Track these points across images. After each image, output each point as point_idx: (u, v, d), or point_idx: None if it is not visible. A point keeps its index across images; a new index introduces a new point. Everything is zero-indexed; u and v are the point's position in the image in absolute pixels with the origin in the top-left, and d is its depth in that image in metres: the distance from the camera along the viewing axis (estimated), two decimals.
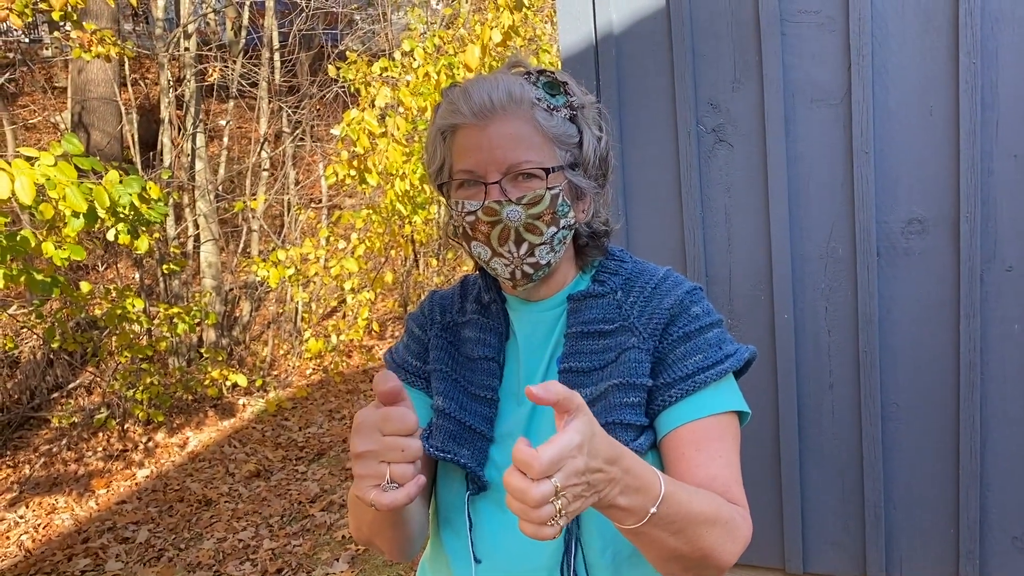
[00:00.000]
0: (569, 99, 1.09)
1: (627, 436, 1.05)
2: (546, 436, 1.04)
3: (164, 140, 7.16)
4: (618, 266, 1.17)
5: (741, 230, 2.51)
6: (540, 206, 1.05)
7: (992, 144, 2.21)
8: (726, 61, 2.44)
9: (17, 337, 5.79)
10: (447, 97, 1.10)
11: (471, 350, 1.16)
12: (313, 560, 3.78)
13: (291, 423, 5.87)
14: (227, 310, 7.30)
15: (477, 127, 1.05)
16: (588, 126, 1.11)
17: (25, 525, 4.38)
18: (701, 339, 1.10)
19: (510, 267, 1.08)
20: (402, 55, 5.15)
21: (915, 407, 2.41)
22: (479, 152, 1.05)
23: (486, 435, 1.10)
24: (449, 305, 1.23)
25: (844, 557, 2.58)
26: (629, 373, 1.07)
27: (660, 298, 1.11)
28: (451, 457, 1.09)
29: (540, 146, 1.06)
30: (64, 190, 2.77)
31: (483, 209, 1.05)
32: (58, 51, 8.89)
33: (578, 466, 0.78)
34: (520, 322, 1.16)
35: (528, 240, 1.06)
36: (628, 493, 0.86)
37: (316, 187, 8.94)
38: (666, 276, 1.15)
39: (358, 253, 5.46)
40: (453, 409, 1.12)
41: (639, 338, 1.09)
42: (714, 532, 0.98)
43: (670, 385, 1.07)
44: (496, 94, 1.05)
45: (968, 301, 2.27)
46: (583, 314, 1.12)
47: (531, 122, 1.05)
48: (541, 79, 1.09)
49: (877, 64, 2.27)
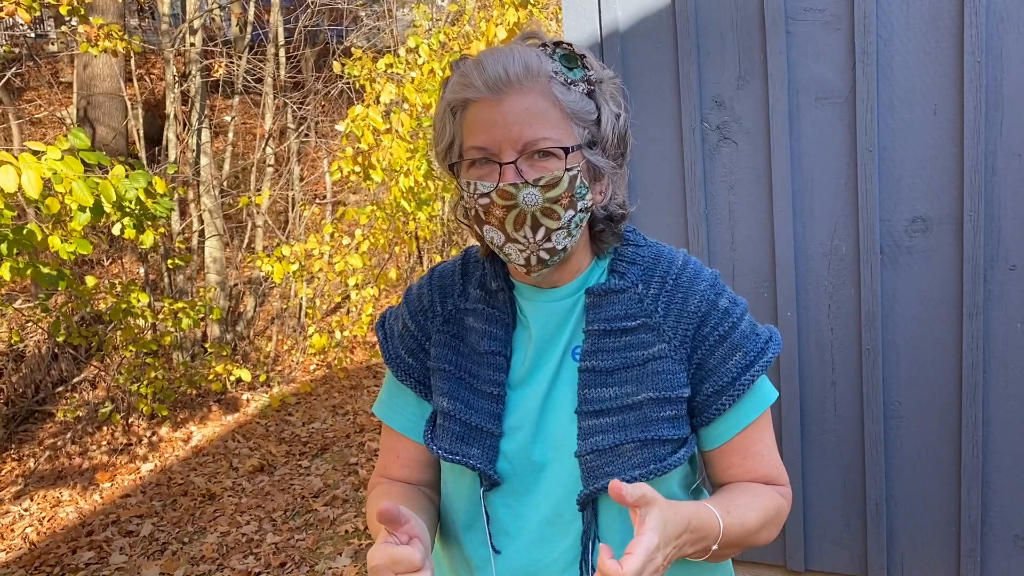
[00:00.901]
0: (587, 73, 1.03)
1: (666, 451, 1.04)
2: (558, 427, 1.07)
3: (169, 136, 7.17)
4: (635, 254, 1.11)
5: (745, 227, 2.52)
6: (558, 189, 0.99)
7: (996, 143, 2.21)
8: (731, 59, 2.44)
9: (22, 331, 5.81)
10: (458, 70, 1.03)
11: (476, 342, 1.10)
12: (316, 554, 3.80)
13: (295, 418, 5.89)
14: (231, 305, 7.31)
15: (491, 102, 0.98)
16: (606, 102, 1.04)
17: (30, 518, 4.40)
18: (737, 334, 1.07)
19: (525, 253, 1.01)
20: (407, 51, 5.15)
21: (917, 405, 2.42)
22: (493, 128, 0.98)
23: (494, 432, 1.07)
24: (450, 287, 1.15)
25: (845, 555, 2.59)
26: (665, 386, 1.04)
27: (684, 295, 1.07)
28: (460, 459, 1.07)
29: (558, 122, 0.99)
30: (71, 184, 2.78)
31: (498, 192, 0.98)
32: (64, 46, 8.91)
33: (658, 563, 0.85)
34: (533, 311, 1.10)
35: (545, 225, 1.00)
36: (694, 544, 0.95)
37: (320, 183, 8.96)
38: (685, 263, 1.11)
39: (362, 249, 5.47)
40: (459, 410, 1.08)
41: (669, 345, 1.05)
42: (765, 530, 1.06)
43: (720, 393, 1.06)
44: (512, 66, 0.98)
45: (971, 300, 2.28)
46: (603, 310, 1.06)
47: (548, 96, 0.99)
48: (558, 51, 1.02)
49: (882, 62, 2.28)
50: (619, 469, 1.01)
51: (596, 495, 1.04)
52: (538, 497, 1.07)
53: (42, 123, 8.46)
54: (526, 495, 1.08)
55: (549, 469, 1.07)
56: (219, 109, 9.01)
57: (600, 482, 1.01)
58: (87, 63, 8.20)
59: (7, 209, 2.99)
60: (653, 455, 1.02)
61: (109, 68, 8.16)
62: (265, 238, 7.79)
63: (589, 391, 1.04)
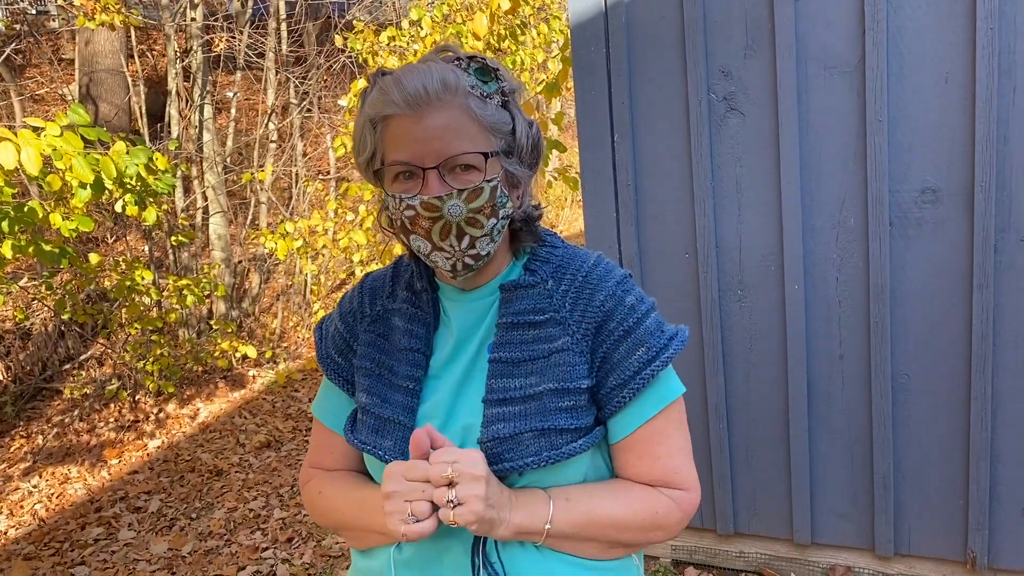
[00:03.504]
0: (501, 85, 1.07)
1: (562, 440, 1.07)
2: (467, 416, 1.12)
3: (171, 112, 7.13)
4: (549, 253, 1.16)
5: (752, 200, 2.48)
6: (480, 199, 1.04)
7: (1008, 111, 2.17)
8: (738, 28, 2.40)
9: (28, 309, 5.82)
10: (377, 85, 1.07)
11: (399, 340, 1.16)
12: (323, 530, 3.82)
13: (301, 394, 5.90)
14: (236, 282, 7.31)
15: (411, 117, 1.02)
16: (519, 112, 1.09)
17: (39, 495, 4.43)
18: (642, 329, 1.10)
19: (451, 260, 1.07)
20: (410, 24, 5.09)
21: (926, 379, 2.40)
22: (415, 144, 1.02)
23: (407, 424, 1.11)
24: (380, 289, 1.22)
25: (852, 529, 2.58)
26: (564, 377, 1.08)
27: (591, 291, 1.11)
28: (371, 449, 1.12)
29: (476, 135, 1.04)
30: (70, 161, 2.75)
31: (423, 204, 1.03)
32: (64, 22, 8.84)
33: (479, 473, 0.99)
34: (455, 311, 1.16)
35: (469, 234, 1.05)
36: (517, 510, 1.04)
37: (324, 159, 8.91)
38: (596, 263, 1.15)
39: (366, 225, 5.44)
40: (374, 404, 1.14)
41: (572, 338, 1.09)
42: (635, 531, 1.10)
43: (622, 385, 1.09)
44: (431, 83, 1.02)
45: (981, 272, 2.25)
46: (514, 304, 1.11)
47: (466, 111, 1.03)
48: (472, 65, 1.06)
49: (892, 30, 2.23)
50: (517, 456, 1.06)
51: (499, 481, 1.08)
52: None
53: (45, 100, 8.42)
54: None
55: None
56: (221, 85, 8.95)
57: (499, 466, 1.06)
58: (88, 39, 8.14)
59: (8, 187, 2.98)
60: (549, 443, 1.06)
61: (111, 44, 8.10)
62: (269, 215, 7.76)
63: (496, 381, 1.09)
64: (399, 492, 0.98)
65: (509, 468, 1.05)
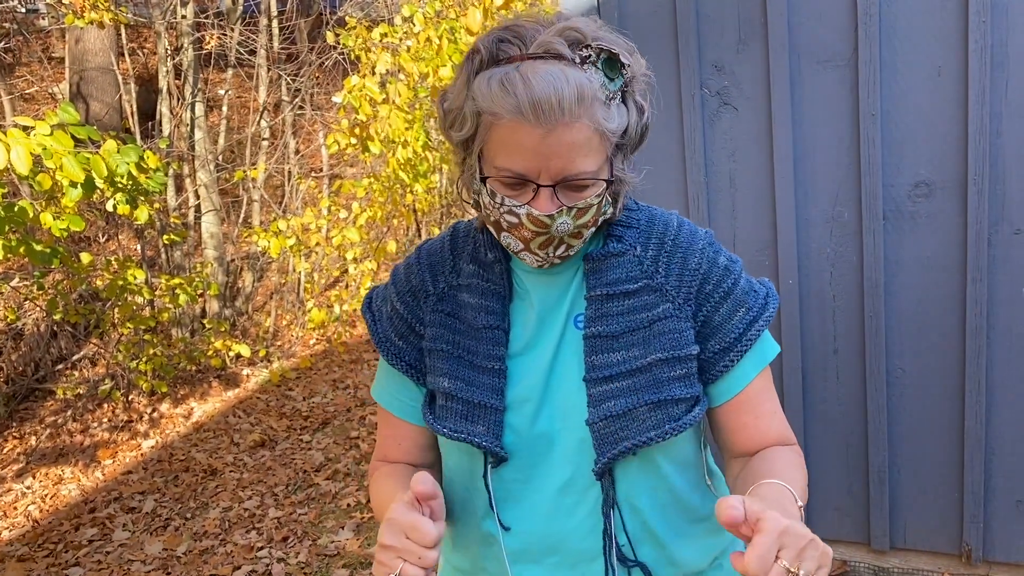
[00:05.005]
0: (625, 78, 0.96)
1: (680, 410, 1.03)
2: (565, 396, 1.05)
3: (163, 110, 7.09)
4: (629, 217, 1.08)
5: (746, 194, 2.48)
6: (588, 215, 0.98)
7: (1001, 105, 2.17)
8: (731, 22, 2.39)
9: (20, 310, 5.79)
10: (499, 75, 0.92)
11: (473, 318, 1.07)
12: (319, 528, 3.81)
13: (295, 393, 5.89)
14: (229, 281, 7.28)
15: (536, 131, 0.91)
16: (636, 102, 1.00)
17: (32, 496, 4.41)
18: (739, 290, 1.07)
19: (540, 262, 1.01)
20: (402, 20, 5.07)
21: (920, 372, 2.40)
22: (535, 158, 0.92)
23: (498, 407, 1.05)
24: (440, 265, 1.12)
25: (848, 522, 2.59)
26: (673, 345, 1.03)
27: (683, 254, 1.06)
28: (465, 437, 1.05)
29: (597, 148, 0.95)
30: (61, 160, 2.74)
31: (531, 219, 0.95)
32: (54, 20, 8.80)
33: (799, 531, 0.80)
34: (532, 283, 1.08)
35: (568, 243, 1.00)
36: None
37: (317, 157, 8.88)
38: (680, 224, 1.10)
39: (360, 223, 5.43)
40: (459, 388, 1.06)
41: (674, 304, 1.04)
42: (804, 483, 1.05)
43: (728, 349, 1.06)
44: (566, 96, 0.89)
45: (975, 265, 2.25)
46: (604, 275, 1.04)
47: (593, 122, 0.92)
48: (601, 58, 0.93)
49: (884, 24, 2.23)
50: (634, 432, 1.01)
51: (613, 463, 1.03)
52: (549, 468, 1.06)
53: (35, 99, 8.37)
54: (537, 467, 1.07)
55: (558, 439, 1.06)
56: (213, 82, 8.92)
57: (616, 448, 1.01)
58: (79, 38, 8.09)
59: None
60: (667, 415, 1.02)
61: (101, 43, 8.06)
62: (262, 213, 7.74)
63: (596, 357, 1.03)
64: (396, 549, 0.90)
65: (630, 447, 1.00)
